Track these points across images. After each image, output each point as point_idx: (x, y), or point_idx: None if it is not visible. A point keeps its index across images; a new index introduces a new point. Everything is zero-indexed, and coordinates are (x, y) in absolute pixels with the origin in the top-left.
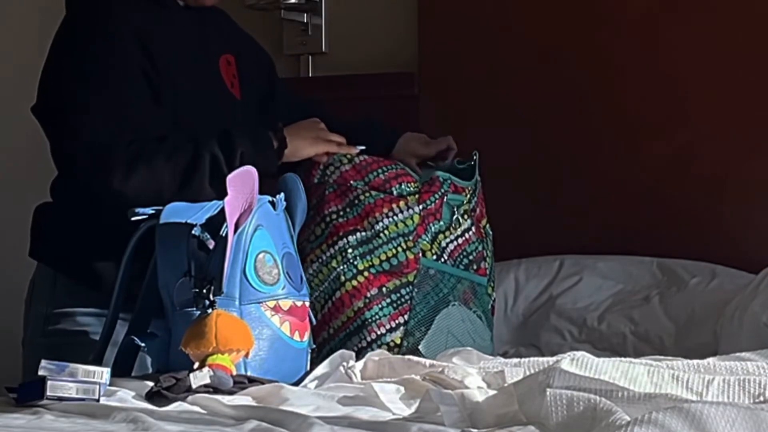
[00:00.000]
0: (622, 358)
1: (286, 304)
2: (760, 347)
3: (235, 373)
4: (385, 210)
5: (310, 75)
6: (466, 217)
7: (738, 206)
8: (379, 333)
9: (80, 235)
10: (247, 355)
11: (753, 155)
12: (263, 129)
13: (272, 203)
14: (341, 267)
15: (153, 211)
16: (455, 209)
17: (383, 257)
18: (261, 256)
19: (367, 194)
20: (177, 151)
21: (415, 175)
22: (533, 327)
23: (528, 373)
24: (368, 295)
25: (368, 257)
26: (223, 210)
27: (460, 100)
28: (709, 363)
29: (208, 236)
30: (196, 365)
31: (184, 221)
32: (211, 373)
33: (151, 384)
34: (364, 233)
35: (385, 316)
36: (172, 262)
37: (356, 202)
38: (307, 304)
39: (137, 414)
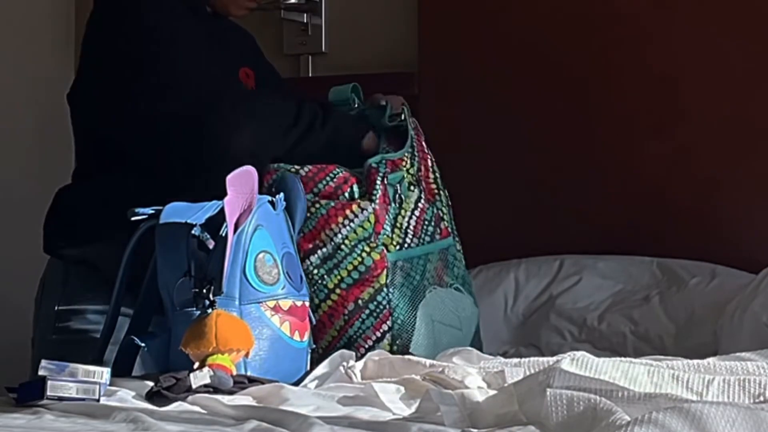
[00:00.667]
0: (622, 358)
1: (286, 303)
2: (760, 347)
3: (235, 372)
4: (340, 219)
5: (310, 75)
6: (412, 188)
7: (738, 206)
8: (367, 346)
9: (101, 227)
10: (247, 355)
11: (753, 155)
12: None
13: (272, 203)
14: (312, 289)
15: (153, 211)
16: (397, 186)
17: (350, 267)
18: (261, 255)
19: (318, 204)
20: (282, 109)
21: (355, 172)
22: (533, 327)
23: (528, 373)
24: (346, 312)
25: (335, 272)
26: (222, 210)
27: (460, 100)
28: (710, 363)
29: (208, 236)
30: (196, 365)
31: (183, 221)
32: (211, 373)
33: (151, 384)
34: (324, 249)
35: (368, 328)
36: (172, 262)
37: (308, 215)
38: (307, 303)
39: (137, 414)
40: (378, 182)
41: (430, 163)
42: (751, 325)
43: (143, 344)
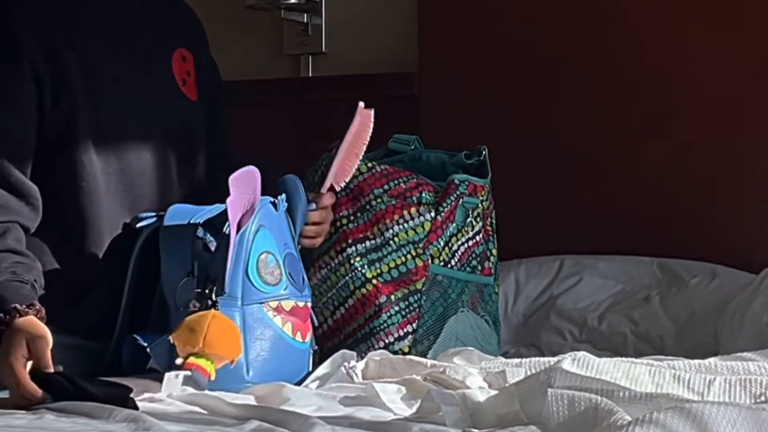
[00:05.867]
0: (623, 358)
1: (288, 304)
2: (760, 347)
3: (213, 377)
4: (396, 216)
5: (310, 75)
6: (479, 219)
7: (738, 206)
8: (387, 341)
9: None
10: (232, 363)
11: (753, 155)
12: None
13: (274, 204)
14: (349, 275)
15: (156, 217)
16: (470, 212)
17: (392, 264)
18: (263, 256)
19: (379, 200)
20: None
21: (435, 184)
22: (533, 327)
23: (529, 373)
24: (377, 302)
25: (377, 265)
26: (224, 212)
27: (460, 100)
28: (711, 363)
29: (211, 238)
30: (179, 360)
31: (187, 222)
32: (188, 373)
33: (152, 382)
34: (373, 241)
35: (393, 324)
36: (176, 263)
37: (368, 207)
38: (309, 305)
39: (137, 414)
40: (452, 198)
41: (492, 207)
42: (752, 325)
43: (146, 344)
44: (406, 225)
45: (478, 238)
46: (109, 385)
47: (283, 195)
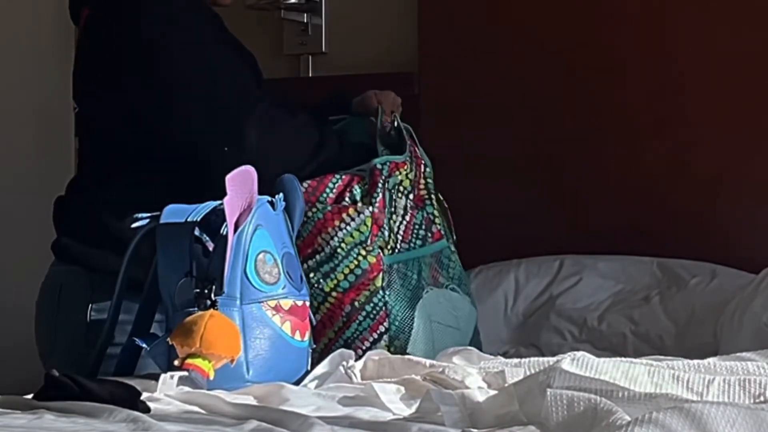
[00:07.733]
0: (623, 358)
1: (286, 303)
2: (760, 347)
3: (212, 377)
4: (337, 222)
5: (310, 75)
6: (404, 193)
7: (738, 206)
8: (364, 348)
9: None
10: (232, 362)
11: (753, 155)
12: None
13: (271, 203)
14: (310, 293)
15: (151, 216)
16: (392, 190)
17: (346, 271)
18: (261, 255)
19: (315, 209)
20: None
21: (357, 171)
22: (533, 327)
23: (528, 373)
24: (343, 314)
25: (331, 276)
26: (216, 210)
27: (460, 100)
28: (710, 363)
29: (207, 238)
30: (177, 362)
31: (184, 220)
32: (184, 373)
33: (153, 382)
34: (321, 254)
35: (365, 330)
36: (174, 263)
37: (305, 219)
38: (307, 303)
39: (137, 414)
40: (380, 185)
41: (423, 168)
42: (751, 325)
43: (145, 345)
44: (348, 228)
45: (410, 210)
46: (116, 386)
47: (281, 194)
